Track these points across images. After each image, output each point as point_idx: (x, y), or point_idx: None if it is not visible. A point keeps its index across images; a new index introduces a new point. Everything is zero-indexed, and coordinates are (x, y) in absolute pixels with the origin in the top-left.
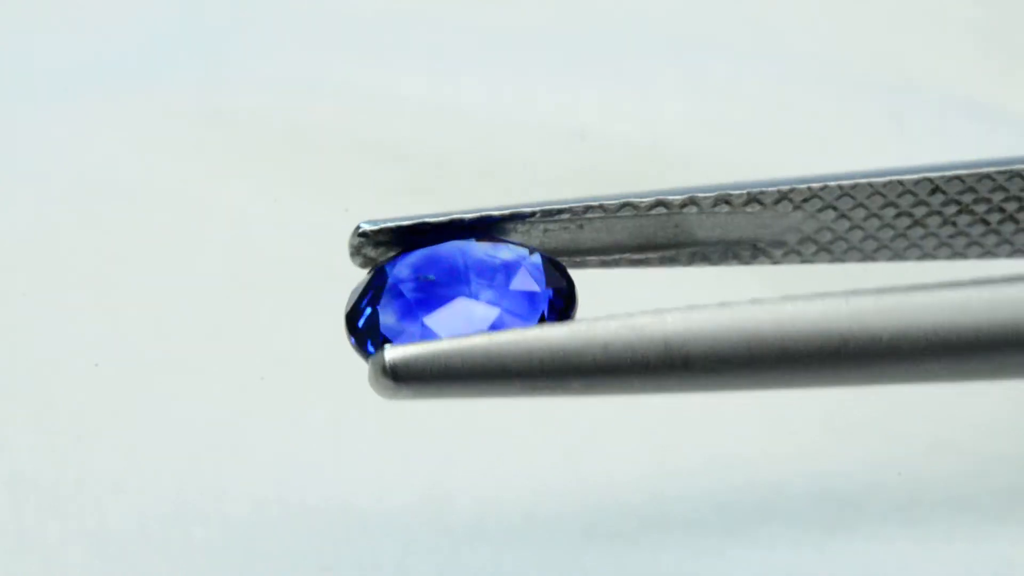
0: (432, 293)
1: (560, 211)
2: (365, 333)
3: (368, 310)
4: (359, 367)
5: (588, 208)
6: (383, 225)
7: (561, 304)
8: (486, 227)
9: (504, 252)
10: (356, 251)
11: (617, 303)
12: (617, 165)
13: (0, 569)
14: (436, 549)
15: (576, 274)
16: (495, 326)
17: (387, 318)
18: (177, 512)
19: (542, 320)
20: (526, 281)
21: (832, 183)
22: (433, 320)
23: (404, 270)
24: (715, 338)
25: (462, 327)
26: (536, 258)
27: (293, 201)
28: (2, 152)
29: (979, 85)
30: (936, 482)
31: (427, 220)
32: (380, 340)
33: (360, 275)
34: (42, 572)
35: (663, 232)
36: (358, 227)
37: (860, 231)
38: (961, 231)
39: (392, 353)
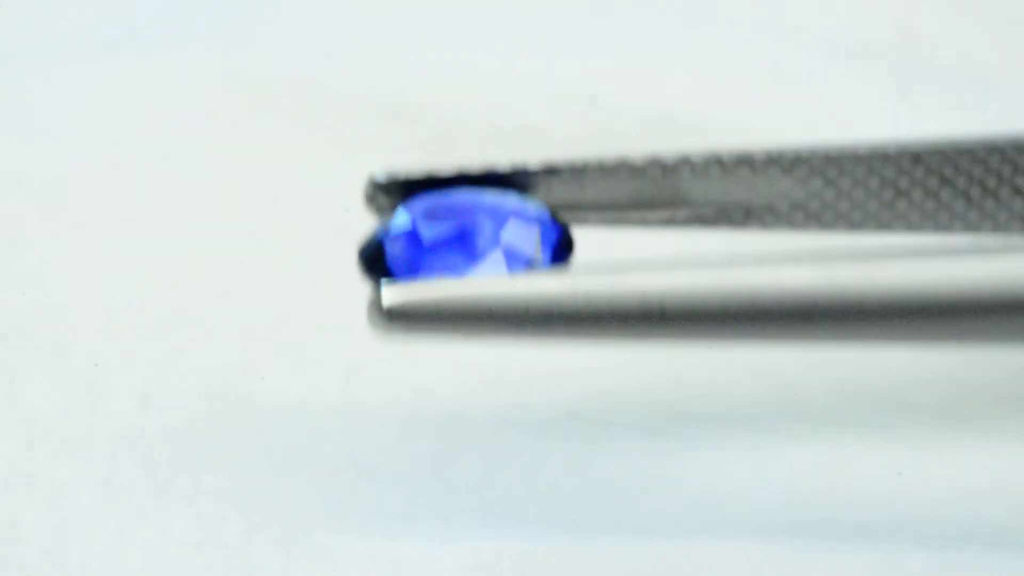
0: (442, 233)
1: (562, 168)
2: (376, 267)
3: (381, 245)
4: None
5: (587, 166)
6: (394, 178)
7: (559, 256)
8: (493, 181)
9: (510, 202)
10: (370, 200)
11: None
12: (627, 130)
13: (11, 513)
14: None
15: (578, 232)
16: (495, 270)
17: (396, 251)
18: (186, 458)
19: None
20: (528, 230)
21: (819, 150)
22: (439, 260)
23: (417, 210)
24: (691, 294)
25: (464, 267)
26: (539, 210)
27: (310, 161)
28: (24, 113)
29: (991, 59)
30: (937, 481)
31: (437, 174)
32: (385, 275)
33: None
34: (51, 517)
35: (660, 193)
36: (372, 177)
37: (847, 201)
38: (944, 205)
39: (390, 295)
